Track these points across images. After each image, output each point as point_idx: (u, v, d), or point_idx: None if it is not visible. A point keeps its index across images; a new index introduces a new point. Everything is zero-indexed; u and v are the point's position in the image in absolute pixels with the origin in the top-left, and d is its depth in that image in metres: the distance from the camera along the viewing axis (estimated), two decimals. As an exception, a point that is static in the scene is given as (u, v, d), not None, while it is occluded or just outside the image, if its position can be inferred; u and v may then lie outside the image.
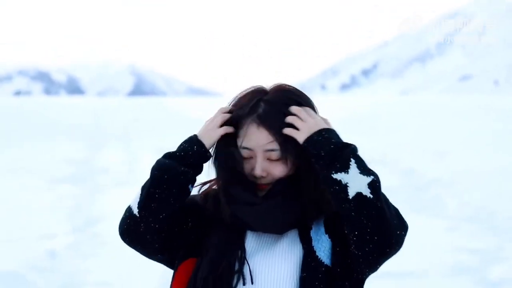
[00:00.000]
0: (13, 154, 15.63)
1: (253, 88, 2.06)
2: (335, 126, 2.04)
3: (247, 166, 1.99)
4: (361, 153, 1.95)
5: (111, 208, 10.10)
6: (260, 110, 1.97)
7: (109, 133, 20.87)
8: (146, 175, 2.02)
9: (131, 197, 2.06)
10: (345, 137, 2.03)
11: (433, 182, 12.39)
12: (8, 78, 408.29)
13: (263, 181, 1.98)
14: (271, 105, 1.98)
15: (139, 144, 18.00)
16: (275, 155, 1.96)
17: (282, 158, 1.97)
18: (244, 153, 1.98)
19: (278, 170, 1.97)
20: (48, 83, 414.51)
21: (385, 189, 1.96)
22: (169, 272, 2.08)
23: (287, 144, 1.96)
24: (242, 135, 1.98)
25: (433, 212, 10.17)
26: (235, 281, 1.93)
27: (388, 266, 2.50)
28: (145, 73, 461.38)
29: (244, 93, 2.05)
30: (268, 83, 2.09)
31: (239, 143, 1.99)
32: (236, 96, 2.07)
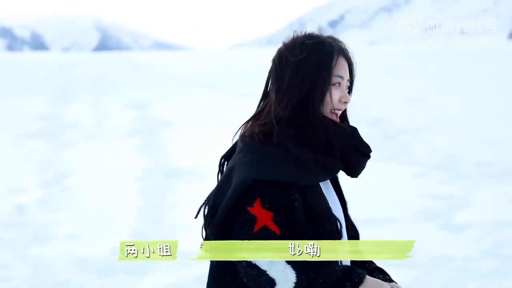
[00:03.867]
0: (-21, 111, 15.42)
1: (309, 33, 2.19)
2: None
3: (336, 94, 2.15)
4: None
5: (79, 162, 10.06)
6: (342, 46, 2.19)
7: (76, 88, 20.63)
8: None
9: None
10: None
11: (401, 130, 12.48)
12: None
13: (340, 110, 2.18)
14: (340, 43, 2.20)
15: (107, 99, 17.86)
16: (348, 85, 2.20)
17: (351, 90, 2.22)
18: (336, 80, 2.14)
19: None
20: (11, 39, 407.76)
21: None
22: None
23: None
24: (334, 65, 2.14)
25: (402, 160, 10.27)
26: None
27: (357, 213, 2.55)
28: (110, 28, 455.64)
29: (303, 36, 2.16)
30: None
31: (334, 72, 2.14)
32: (298, 36, 2.16)
